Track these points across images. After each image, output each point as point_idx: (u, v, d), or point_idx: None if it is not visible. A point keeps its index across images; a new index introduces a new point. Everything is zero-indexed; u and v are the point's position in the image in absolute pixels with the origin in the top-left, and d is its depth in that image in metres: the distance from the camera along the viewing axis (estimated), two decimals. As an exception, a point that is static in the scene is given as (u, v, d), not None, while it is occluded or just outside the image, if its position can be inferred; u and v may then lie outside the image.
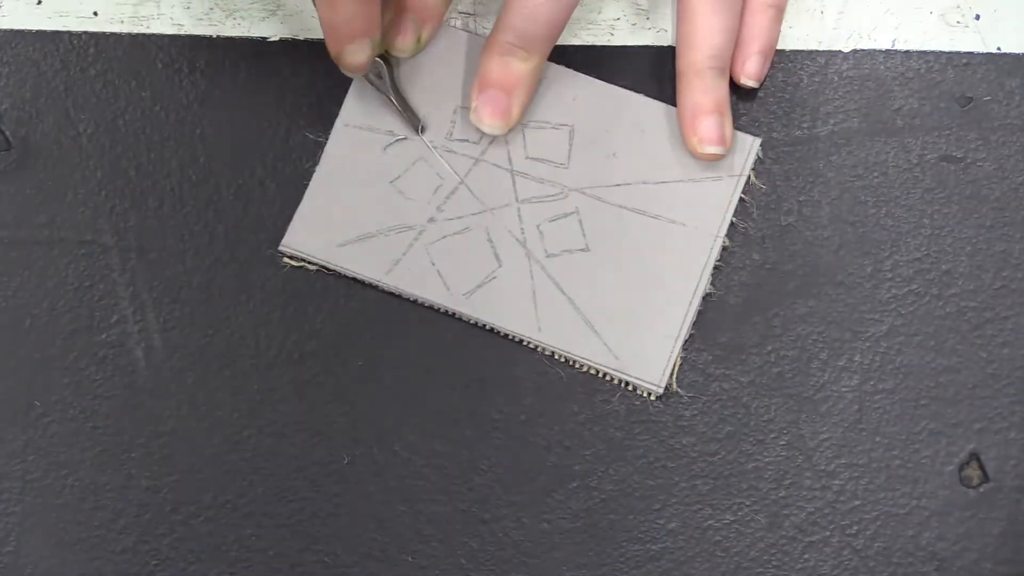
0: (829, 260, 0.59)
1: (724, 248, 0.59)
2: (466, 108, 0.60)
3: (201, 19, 0.62)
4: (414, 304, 0.59)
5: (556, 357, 0.58)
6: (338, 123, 0.60)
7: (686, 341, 0.58)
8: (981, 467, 0.58)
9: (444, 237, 0.59)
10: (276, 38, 0.62)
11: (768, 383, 0.58)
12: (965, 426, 0.58)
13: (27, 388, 0.59)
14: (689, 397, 0.58)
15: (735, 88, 0.60)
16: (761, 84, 0.60)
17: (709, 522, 0.57)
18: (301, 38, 0.61)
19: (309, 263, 0.59)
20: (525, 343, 0.58)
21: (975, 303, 0.59)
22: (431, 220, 0.59)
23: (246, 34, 0.62)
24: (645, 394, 0.58)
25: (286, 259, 0.59)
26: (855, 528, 0.57)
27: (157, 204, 0.60)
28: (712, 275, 0.59)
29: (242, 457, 0.58)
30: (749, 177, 0.60)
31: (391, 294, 0.59)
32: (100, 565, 0.57)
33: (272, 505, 0.58)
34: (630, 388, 0.58)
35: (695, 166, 0.59)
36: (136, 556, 0.57)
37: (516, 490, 0.58)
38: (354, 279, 0.59)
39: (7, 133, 0.61)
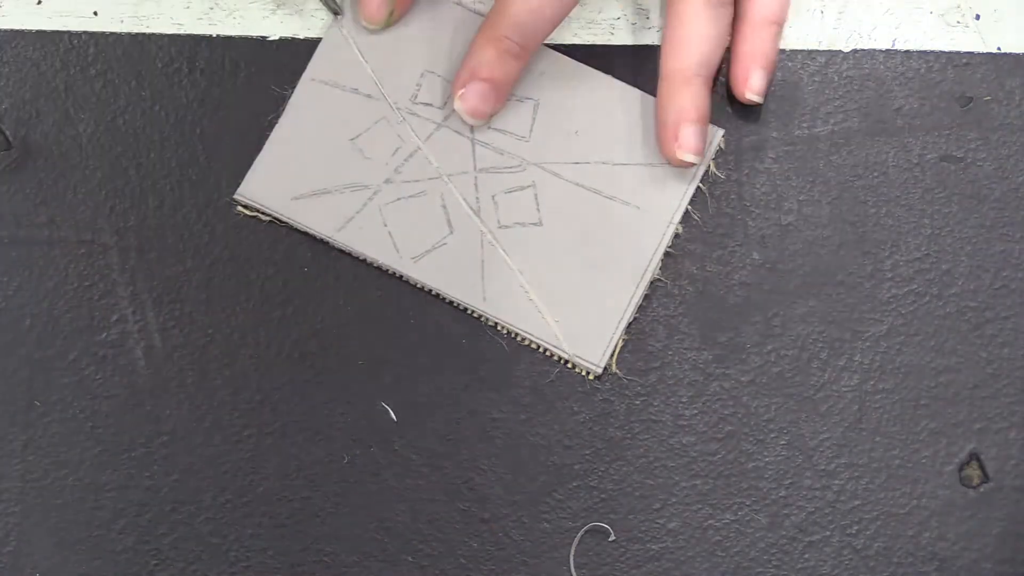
0: (829, 260, 0.59)
1: (676, 235, 0.59)
2: (432, 73, 0.60)
3: (201, 19, 0.62)
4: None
5: (499, 328, 0.58)
6: (304, 77, 0.60)
7: (630, 323, 0.58)
8: (981, 467, 0.58)
9: (398, 199, 0.59)
10: (276, 38, 0.62)
11: (768, 383, 0.58)
12: (965, 426, 0.58)
13: (27, 388, 0.59)
14: (689, 397, 0.58)
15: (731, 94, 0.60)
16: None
17: (709, 522, 0.57)
18: (301, 37, 0.61)
19: (263, 214, 0.59)
20: (469, 312, 0.58)
21: (975, 303, 0.59)
22: (387, 181, 0.59)
23: (246, 34, 0.62)
24: (584, 373, 0.58)
25: (240, 208, 0.59)
26: (855, 528, 0.57)
27: (157, 204, 0.60)
28: (662, 261, 0.58)
29: (242, 457, 0.58)
30: (709, 167, 0.59)
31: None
32: (100, 565, 0.57)
33: (272, 505, 0.58)
34: (569, 365, 0.58)
35: (655, 151, 0.59)
36: (136, 556, 0.57)
37: (516, 490, 0.58)
38: (325, 242, 0.59)
39: (7, 133, 0.61)
